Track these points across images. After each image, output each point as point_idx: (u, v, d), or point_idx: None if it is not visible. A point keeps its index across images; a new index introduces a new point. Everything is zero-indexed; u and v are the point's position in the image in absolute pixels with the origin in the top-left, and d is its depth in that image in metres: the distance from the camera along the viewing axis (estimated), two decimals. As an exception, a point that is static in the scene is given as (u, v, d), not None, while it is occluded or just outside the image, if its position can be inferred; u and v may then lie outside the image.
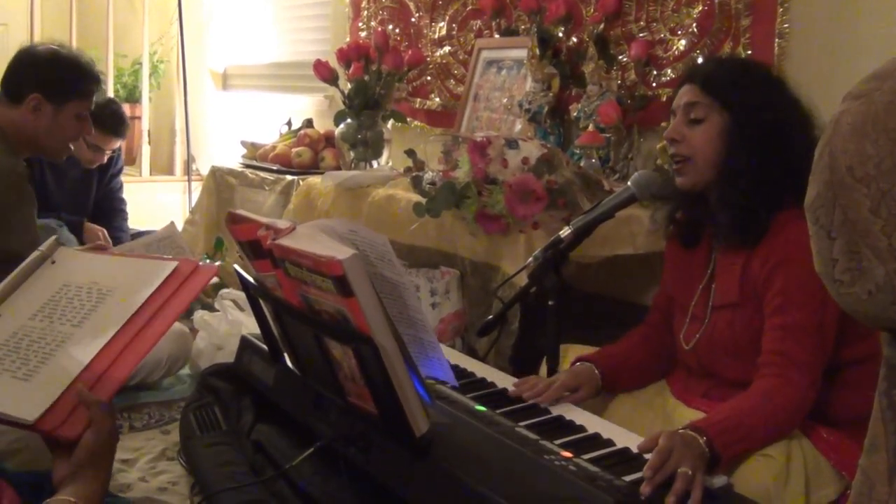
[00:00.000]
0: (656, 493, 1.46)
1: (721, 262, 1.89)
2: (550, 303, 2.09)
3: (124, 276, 1.59)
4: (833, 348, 1.72)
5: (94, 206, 4.04)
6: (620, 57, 2.99)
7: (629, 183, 2.10)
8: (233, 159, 4.56)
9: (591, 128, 2.86)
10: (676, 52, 2.85)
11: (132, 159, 5.92)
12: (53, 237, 1.74)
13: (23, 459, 1.90)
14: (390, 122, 3.69)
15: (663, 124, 2.65)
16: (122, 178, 4.26)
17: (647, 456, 1.60)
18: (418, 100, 3.93)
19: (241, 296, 3.01)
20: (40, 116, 2.48)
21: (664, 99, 2.84)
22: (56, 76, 2.53)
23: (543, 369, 2.12)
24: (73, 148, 2.65)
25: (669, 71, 2.87)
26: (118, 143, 3.89)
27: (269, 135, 4.65)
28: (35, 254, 1.66)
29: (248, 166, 4.24)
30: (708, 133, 1.83)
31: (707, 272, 1.93)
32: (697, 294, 1.93)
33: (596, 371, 1.97)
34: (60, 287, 1.60)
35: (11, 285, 1.59)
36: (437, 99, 3.84)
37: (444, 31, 3.80)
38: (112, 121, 3.73)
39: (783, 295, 1.72)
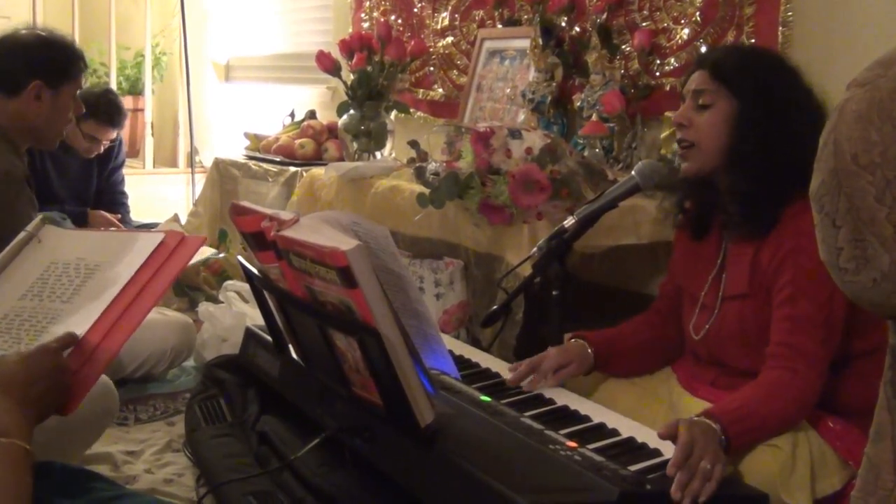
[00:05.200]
0: (664, 482, 1.46)
1: (732, 252, 1.88)
2: (554, 293, 2.09)
3: (111, 250, 1.60)
4: (842, 340, 1.72)
5: (95, 198, 4.05)
6: (623, 46, 2.98)
7: (633, 172, 2.10)
8: (236, 151, 4.57)
9: (594, 117, 2.85)
10: (680, 41, 2.84)
11: (135, 152, 5.92)
12: (39, 217, 1.74)
13: None
14: (393, 113, 3.69)
15: (667, 113, 2.64)
16: (126, 170, 4.27)
17: (654, 446, 1.60)
18: (421, 90, 3.92)
19: (245, 287, 3.02)
20: (41, 104, 2.44)
21: (668, 88, 2.84)
22: (51, 60, 2.47)
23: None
24: (65, 133, 2.62)
25: (673, 60, 2.86)
26: (115, 134, 3.89)
27: (273, 126, 4.65)
28: (21, 234, 1.66)
29: (251, 158, 4.24)
30: (715, 118, 1.82)
31: (718, 262, 1.92)
32: (708, 284, 1.92)
33: (589, 349, 1.97)
34: (48, 265, 1.61)
35: None
36: (440, 89, 3.83)
37: (446, 22, 3.79)
38: (108, 111, 3.73)
39: (792, 286, 1.71)
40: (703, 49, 2.71)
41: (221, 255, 3.78)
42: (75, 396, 1.42)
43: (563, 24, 3.11)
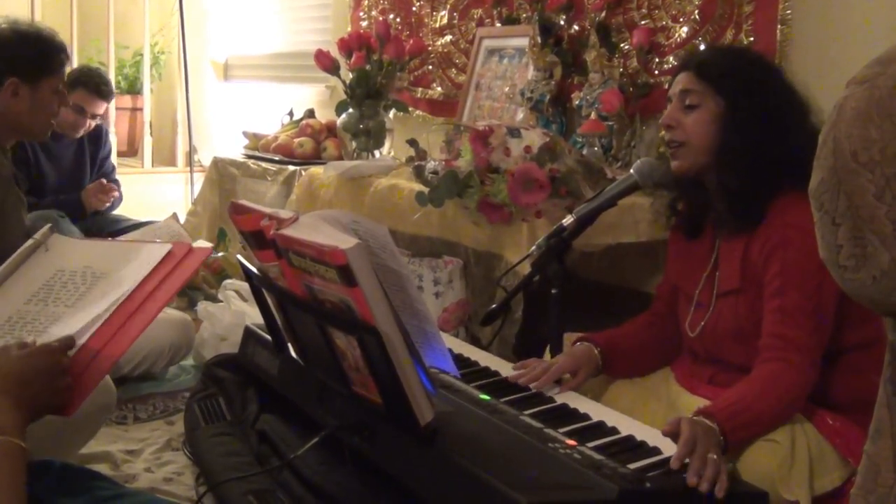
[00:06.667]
0: (664, 480, 1.46)
1: (724, 249, 1.90)
2: (553, 291, 2.09)
3: (119, 259, 1.61)
4: (835, 331, 1.73)
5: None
6: (622, 45, 2.98)
7: (632, 171, 2.10)
8: (235, 150, 4.56)
9: (593, 116, 2.85)
10: (678, 40, 2.84)
11: (134, 151, 5.91)
12: (48, 225, 1.75)
13: None
14: (392, 112, 3.68)
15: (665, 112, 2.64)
16: (124, 169, 4.28)
17: (653, 444, 1.60)
18: (420, 89, 3.92)
19: (244, 286, 3.02)
20: (19, 100, 2.41)
21: (666, 86, 2.83)
22: (27, 55, 2.43)
23: (547, 357, 2.12)
24: (54, 124, 2.60)
25: (671, 58, 2.86)
26: (102, 108, 3.90)
27: (271, 125, 4.65)
28: (29, 242, 1.67)
29: (250, 157, 4.24)
30: (702, 118, 1.84)
31: (711, 260, 1.93)
32: (702, 282, 1.93)
33: (595, 351, 1.98)
34: (54, 273, 1.62)
35: (5, 273, 1.61)
36: (439, 88, 3.83)
37: (445, 20, 3.79)
38: (96, 81, 3.78)
39: (781, 277, 1.73)
40: (702, 47, 2.71)
41: (221, 254, 3.78)
42: (75, 399, 1.42)
43: (562, 22, 3.11)
